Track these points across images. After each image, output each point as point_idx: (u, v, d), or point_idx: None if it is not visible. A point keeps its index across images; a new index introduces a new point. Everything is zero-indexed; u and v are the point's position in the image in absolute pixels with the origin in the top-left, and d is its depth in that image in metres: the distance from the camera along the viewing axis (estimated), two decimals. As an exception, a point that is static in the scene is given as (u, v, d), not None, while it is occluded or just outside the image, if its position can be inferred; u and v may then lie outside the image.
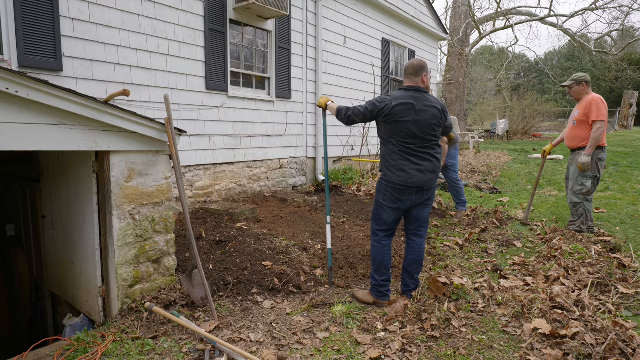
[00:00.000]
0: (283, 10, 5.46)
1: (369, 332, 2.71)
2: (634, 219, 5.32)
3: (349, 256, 3.93)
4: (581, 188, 4.33)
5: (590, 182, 4.30)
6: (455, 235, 4.78)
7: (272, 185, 6.25)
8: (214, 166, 5.33)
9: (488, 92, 32.01)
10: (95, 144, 2.63)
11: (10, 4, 3.41)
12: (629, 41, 22.24)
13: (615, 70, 24.85)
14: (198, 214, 4.76)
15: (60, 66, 3.73)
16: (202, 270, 2.85)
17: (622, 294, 3.16)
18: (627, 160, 10.47)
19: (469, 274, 3.67)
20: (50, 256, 3.67)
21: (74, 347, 2.48)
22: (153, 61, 4.50)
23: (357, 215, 5.27)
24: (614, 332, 2.51)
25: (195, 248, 2.88)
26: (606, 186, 7.57)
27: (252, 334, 2.63)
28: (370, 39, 8.23)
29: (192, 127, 4.94)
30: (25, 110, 2.30)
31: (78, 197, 3.03)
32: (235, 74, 5.59)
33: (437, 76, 12.53)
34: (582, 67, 34.29)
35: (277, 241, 4.05)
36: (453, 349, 2.48)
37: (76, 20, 3.83)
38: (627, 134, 18.60)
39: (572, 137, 4.45)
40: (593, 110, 4.19)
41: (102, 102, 2.59)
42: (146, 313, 2.66)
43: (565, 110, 30.15)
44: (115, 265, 2.82)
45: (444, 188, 7.45)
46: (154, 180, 3.02)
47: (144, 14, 4.37)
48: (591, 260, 3.70)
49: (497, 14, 18.19)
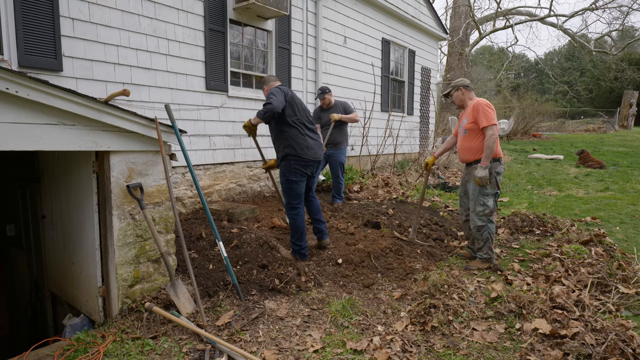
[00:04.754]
0: (283, 10, 5.46)
1: (369, 331, 2.71)
2: (634, 219, 5.32)
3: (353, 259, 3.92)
4: (484, 209, 3.72)
5: (492, 201, 3.73)
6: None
7: (272, 185, 6.24)
8: (214, 166, 5.33)
9: (488, 92, 31.98)
10: (95, 144, 2.63)
11: (10, 4, 3.41)
12: (629, 41, 22.27)
13: (615, 70, 24.87)
14: (198, 213, 4.76)
15: (60, 66, 3.73)
16: (192, 273, 2.85)
17: (622, 294, 3.16)
18: (627, 160, 10.47)
19: (468, 274, 3.67)
20: (50, 256, 3.67)
21: (74, 347, 2.48)
22: (153, 61, 4.50)
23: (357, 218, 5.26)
24: (614, 332, 2.51)
25: (185, 252, 2.85)
26: (606, 186, 7.57)
27: (252, 334, 2.63)
28: (370, 39, 8.23)
29: (192, 127, 4.94)
30: (25, 110, 2.30)
31: (78, 197, 3.03)
32: (235, 74, 5.58)
33: (437, 76, 12.52)
34: (582, 67, 34.30)
35: (277, 241, 4.05)
36: (453, 349, 2.48)
37: (76, 20, 3.83)
38: (627, 134, 18.60)
39: (465, 149, 3.84)
40: (481, 115, 3.64)
41: (102, 102, 2.59)
42: (146, 313, 2.66)
43: (565, 110, 30.20)
44: (115, 265, 2.82)
45: (444, 188, 7.45)
46: (154, 180, 3.02)
47: (144, 14, 4.37)
48: (591, 260, 3.70)
49: (497, 14, 18.19)
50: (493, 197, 3.75)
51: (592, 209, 5.93)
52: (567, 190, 7.39)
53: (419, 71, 10.25)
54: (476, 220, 3.78)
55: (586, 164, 9.90)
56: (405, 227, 4.85)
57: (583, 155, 10.22)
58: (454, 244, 4.56)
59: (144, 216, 2.87)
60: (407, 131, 9.73)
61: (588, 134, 19.80)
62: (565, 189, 7.50)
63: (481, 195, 3.73)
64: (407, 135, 9.71)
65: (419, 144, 10.53)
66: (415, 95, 10.13)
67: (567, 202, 6.52)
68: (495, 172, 3.71)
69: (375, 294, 3.29)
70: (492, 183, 3.71)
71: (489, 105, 3.69)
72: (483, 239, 3.78)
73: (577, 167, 9.80)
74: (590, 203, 6.34)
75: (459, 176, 8.91)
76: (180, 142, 3.10)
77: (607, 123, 23.52)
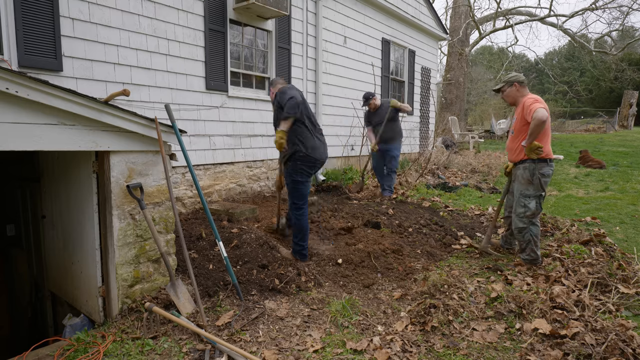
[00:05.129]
0: (283, 10, 5.46)
1: (369, 331, 2.71)
2: (634, 219, 5.32)
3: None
4: (524, 210, 3.63)
5: (533, 203, 3.61)
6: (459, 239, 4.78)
7: (272, 185, 6.24)
8: (214, 166, 5.33)
9: (488, 92, 31.98)
10: (95, 144, 2.63)
11: (10, 4, 3.41)
12: (629, 41, 22.25)
13: (615, 70, 24.84)
14: (198, 213, 4.76)
15: (60, 66, 3.73)
16: (192, 273, 2.85)
17: (622, 294, 3.16)
18: (627, 160, 10.47)
19: (469, 274, 3.67)
20: (50, 256, 3.67)
21: (74, 347, 2.48)
22: (153, 61, 4.50)
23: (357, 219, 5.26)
24: (614, 332, 2.51)
25: (185, 252, 2.86)
26: (606, 186, 7.57)
27: (252, 334, 2.63)
28: (370, 39, 8.23)
29: (192, 127, 4.94)
30: (25, 110, 2.30)
31: (78, 197, 3.03)
32: (235, 73, 5.59)
33: (437, 76, 12.53)
34: (582, 67, 34.30)
35: (277, 241, 4.05)
36: (453, 349, 2.49)
37: (76, 20, 3.83)
38: (627, 134, 18.60)
39: (512, 149, 3.76)
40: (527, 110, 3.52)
41: (102, 102, 2.59)
42: (146, 313, 2.66)
43: (565, 110, 30.17)
44: (115, 265, 2.82)
45: (443, 188, 7.45)
46: (154, 180, 3.02)
47: (144, 14, 4.37)
48: (591, 260, 3.70)
49: (497, 14, 18.18)
50: (536, 199, 3.61)
51: (592, 209, 5.93)
52: (567, 190, 7.39)
53: (419, 71, 10.25)
54: (517, 222, 3.70)
55: (586, 164, 9.90)
56: (405, 227, 4.85)
57: (583, 155, 10.22)
58: (455, 245, 4.56)
59: (144, 216, 2.87)
60: (407, 131, 9.73)
61: (588, 134, 19.81)
62: (565, 189, 7.50)
63: (522, 197, 3.65)
64: (407, 135, 9.71)
65: (419, 144, 10.53)
66: (415, 95, 10.13)
67: (567, 202, 6.52)
68: (539, 173, 3.56)
69: (375, 294, 3.29)
70: (536, 184, 3.57)
71: (537, 99, 3.54)
72: (525, 241, 3.70)
73: (577, 167, 9.80)
74: (590, 203, 6.34)
75: (459, 176, 8.91)
76: (180, 142, 3.10)
77: (607, 123, 23.52)
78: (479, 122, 27.61)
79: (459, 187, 7.61)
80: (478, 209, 6.03)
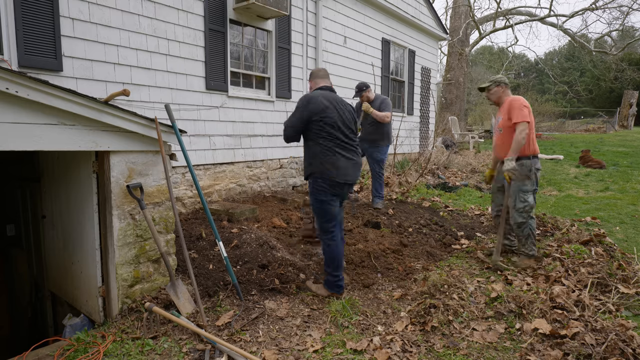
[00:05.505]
0: (283, 10, 5.46)
1: (369, 331, 2.71)
2: (634, 219, 5.32)
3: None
4: (524, 205, 3.76)
5: (531, 197, 3.79)
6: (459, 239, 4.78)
7: (272, 185, 6.25)
8: (214, 166, 5.33)
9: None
10: (95, 144, 2.63)
11: (10, 4, 3.41)
12: (629, 41, 22.25)
13: (615, 70, 24.84)
14: (198, 213, 4.76)
15: (60, 66, 3.73)
16: (192, 273, 2.85)
17: (622, 294, 3.16)
18: (627, 160, 10.47)
19: (469, 274, 3.67)
20: (50, 256, 3.67)
21: (74, 347, 2.48)
22: (153, 61, 4.49)
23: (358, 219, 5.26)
24: (614, 332, 2.51)
25: (185, 252, 2.86)
26: (606, 186, 7.57)
27: (252, 334, 2.63)
28: (370, 39, 8.23)
29: (192, 127, 4.94)
30: (25, 110, 2.30)
31: (78, 197, 3.03)
32: (235, 74, 5.59)
33: (437, 76, 12.53)
34: (582, 67, 34.30)
35: (277, 241, 4.05)
36: (453, 349, 2.48)
37: (76, 20, 3.83)
38: (627, 134, 18.60)
39: (500, 146, 3.91)
40: (515, 111, 3.70)
41: (102, 102, 2.59)
42: (146, 313, 2.66)
43: (565, 110, 30.18)
44: (115, 265, 2.82)
45: (443, 188, 7.45)
46: (154, 180, 3.01)
47: (144, 14, 4.37)
48: (591, 260, 3.70)
49: (497, 14, 18.18)
50: (532, 193, 3.82)
51: (592, 209, 5.93)
52: (567, 190, 7.39)
53: (419, 71, 10.25)
54: (517, 217, 3.81)
55: (586, 164, 9.90)
56: (405, 227, 4.86)
57: (583, 155, 10.22)
58: (455, 245, 4.56)
59: (144, 216, 2.87)
60: (407, 131, 9.74)
61: (588, 134, 19.81)
62: (565, 189, 7.50)
63: (521, 192, 3.79)
64: (407, 135, 9.72)
65: (419, 144, 10.53)
66: (415, 95, 10.13)
67: (567, 202, 6.52)
68: (535, 168, 3.77)
69: (375, 294, 3.29)
70: (532, 179, 3.77)
71: (524, 104, 3.75)
72: (524, 235, 3.83)
73: (577, 167, 9.80)
74: (590, 203, 6.34)
75: (459, 176, 8.91)
76: (180, 142, 3.10)
77: (607, 123, 23.51)
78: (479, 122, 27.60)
79: (459, 187, 7.61)
80: (478, 209, 6.03)
